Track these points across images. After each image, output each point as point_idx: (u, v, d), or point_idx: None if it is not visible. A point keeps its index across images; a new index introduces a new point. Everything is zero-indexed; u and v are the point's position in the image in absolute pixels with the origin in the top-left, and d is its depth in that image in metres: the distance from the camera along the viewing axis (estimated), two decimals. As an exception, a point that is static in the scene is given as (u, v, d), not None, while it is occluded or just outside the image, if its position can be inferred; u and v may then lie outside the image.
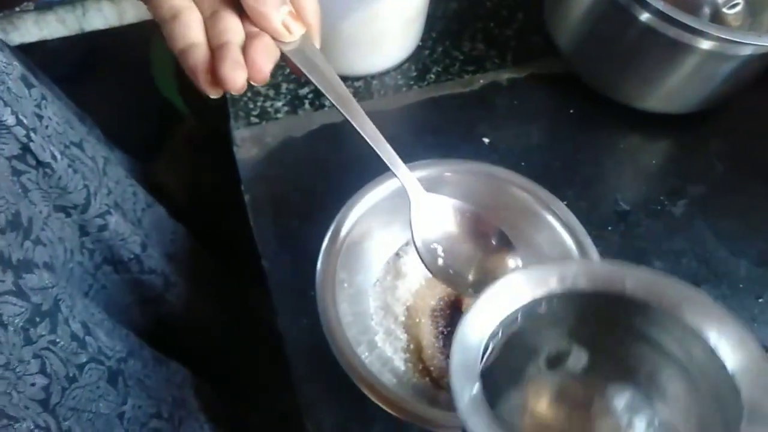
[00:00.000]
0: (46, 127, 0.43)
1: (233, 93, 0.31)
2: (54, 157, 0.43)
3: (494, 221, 0.42)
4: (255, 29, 0.32)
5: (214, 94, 0.31)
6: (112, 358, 0.45)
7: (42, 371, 0.38)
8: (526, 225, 0.44)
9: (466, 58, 0.57)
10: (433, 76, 0.56)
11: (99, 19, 0.62)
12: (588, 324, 0.34)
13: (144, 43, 1.16)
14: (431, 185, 0.44)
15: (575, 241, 0.41)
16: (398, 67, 0.57)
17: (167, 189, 0.77)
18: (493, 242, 0.40)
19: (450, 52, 0.58)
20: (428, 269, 0.38)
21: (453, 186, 0.44)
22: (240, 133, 0.52)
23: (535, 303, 0.30)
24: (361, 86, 0.55)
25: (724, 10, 0.57)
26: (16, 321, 0.36)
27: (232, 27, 0.31)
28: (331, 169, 0.51)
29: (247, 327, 0.74)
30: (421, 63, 0.57)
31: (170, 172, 1.11)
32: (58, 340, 0.39)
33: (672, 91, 0.51)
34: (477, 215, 0.39)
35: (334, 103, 0.35)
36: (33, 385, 0.38)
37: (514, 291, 0.30)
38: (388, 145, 0.36)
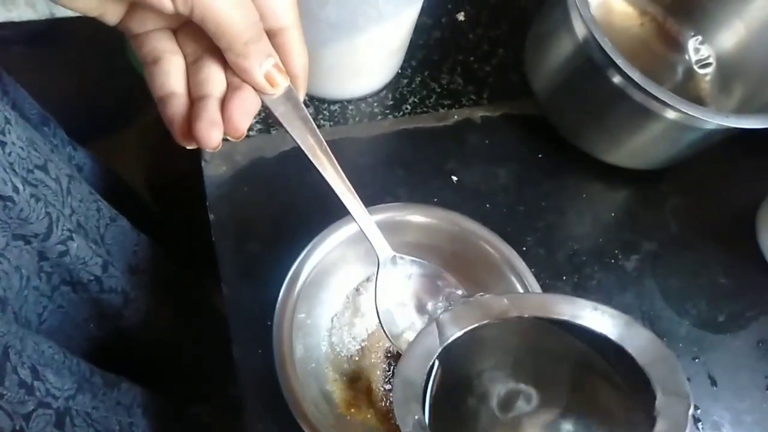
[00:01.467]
0: (9, 153, 0.42)
1: (207, 150, 0.30)
2: (16, 189, 0.42)
3: (455, 275, 0.44)
4: (237, 79, 0.31)
5: (188, 146, 0.31)
6: (60, 398, 0.44)
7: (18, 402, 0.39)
8: (486, 277, 0.45)
9: (443, 91, 0.58)
10: (409, 106, 0.57)
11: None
12: (524, 353, 0.38)
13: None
14: (397, 228, 0.45)
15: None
16: (375, 94, 0.57)
17: (130, 183, 0.76)
18: (440, 302, 0.41)
19: (428, 83, 0.58)
20: (386, 334, 0.38)
21: (418, 231, 0.45)
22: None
23: (468, 333, 0.34)
24: (337, 110, 0.55)
25: (697, 68, 0.59)
26: None
27: (214, 78, 0.30)
28: (300, 193, 0.51)
29: (206, 330, 0.75)
30: (398, 92, 0.57)
31: (138, 152, 1.09)
32: (5, 392, 0.39)
33: (636, 149, 0.52)
34: (441, 276, 0.40)
35: (309, 157, 0.35)
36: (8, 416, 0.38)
37: (450, 325, 0.32)
38: (360, 205, 0.36)
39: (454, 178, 0.54)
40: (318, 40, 0.49)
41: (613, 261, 0.53)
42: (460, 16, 0.62)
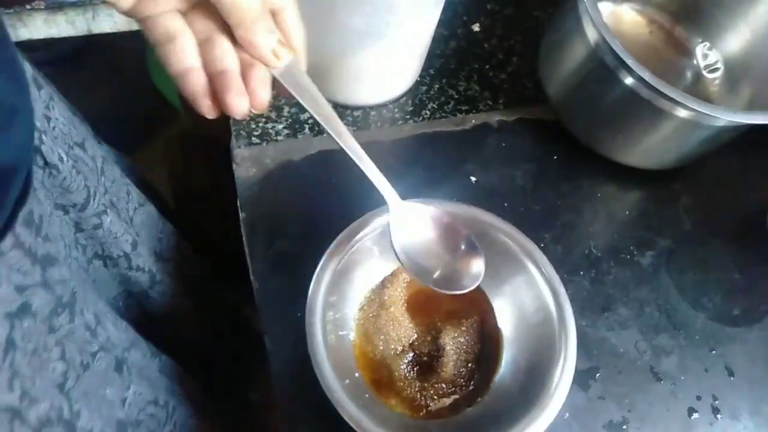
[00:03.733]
0: (53, 128, 0.45)
1: (236, 118, 0.33)
2: (60, 159, 0.44)
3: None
4: (246, 56, 0.34)
5: (212, 116, 0.34)
6: (119, 347, 0.47)
7: (62, 358, 0.41)
8: (506, 268, 0.47)
9: (461, 98, 0.60)
10: (428, 112, 0.59)
11: (108, 22, 0.63)
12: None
13: (141, 38, 1.17)
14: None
15: (550, 287, 0.44)
16: (396, 101, 0.59)
17: (156, 186, 0.78)
18: (462, 247, 0.43)
19: (446, 90, 0.61)
20: (403, 267, 0.41)
21: None
22: (240, 152, 0.54)
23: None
24: (360, 116, 0.58)
25: (705, 73, 0.61)
26: (44, 310, 0.38)
27: (228, 54, 0.33)
28: (326, 194, 0.53)
29: (225, 327, 0.77)
30: (417, 98, 0.60)
31: (161, 168, 1.12)
32: (75, 329, 0.41)
33: (649, 149, 0.54)
34: (449, 222, 0.43)
35: (319, 120, 0.38)
36: (54, 370, 0.40)
37: None
38: (369, 160, 0.40)
39: (473, 179, 0.56)
40: (345, 49, 0.51)
41: (628, 257, 0.54)
42: (476, 27, 0.65)
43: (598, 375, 0.48)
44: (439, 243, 0.43)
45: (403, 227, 0.42)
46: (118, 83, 1.23)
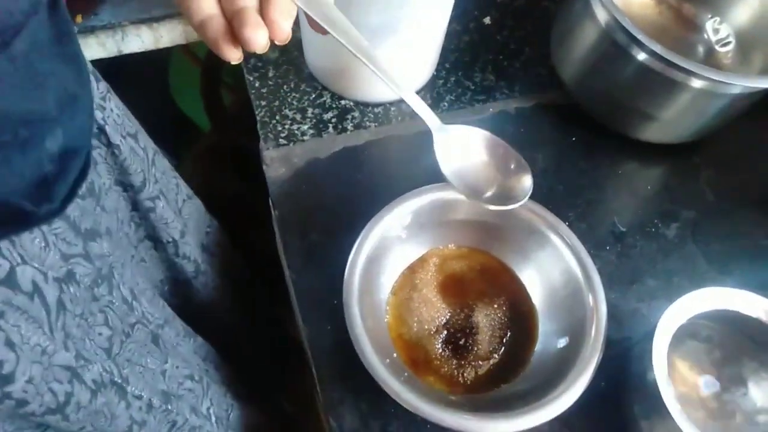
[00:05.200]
0: (109, 117, 0.48)
1: (257, 52, 0.32)
2: (121, 140, 0.48)
3: (503, 244, 0.47)
4: None
5: (235, 59, 0.33)
6: (153, 323, 0.50)
7: (105, 324, 0.43)
8: (532, 243, 0.48)
9: (477, 88, 0.62)
10: (446, 104, 0.61)
11: (136, 43, 0.66)
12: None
13: (163, 61, 1.20)
14: (447, 206, 0.49)
15: (576, 259, 0.46)
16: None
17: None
18: (512, 166, 0.45)
19: (462, 82, 0.62)
20: (456, 188, 0.43)
21: (466, 207, 0.49)
22: (269, 154, 0.57)
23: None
24: (381, 112, 0.60)
25: (717, 48, 0.62)
26: (85, 280, 0.41)
27: None
28: (352, 188, 0.55)
29: (263, 329, 0.79)
30: (435, 91, 0.62)
31: (189, 184, 1.15)
32: (113, 301, 0.44)
33: (667, 123, 0.55)
34: (496, 141, 0.44)
35: (351, 49, 0.37)
36: (100, 334, 0.42)
37: None
38: (408, 89, 0.41)
39: (495, 165, 0.57)
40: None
41: (653, 230, 0.55)
42: (487, 20, 0.67)
43: (630, 344, 0.49)
44: (487, 162, 0.45)
45: (447, 150, 0.43)
46: (143, 106, 1.27)
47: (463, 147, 0.44)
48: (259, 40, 0.32)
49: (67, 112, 0.32)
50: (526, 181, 0.43)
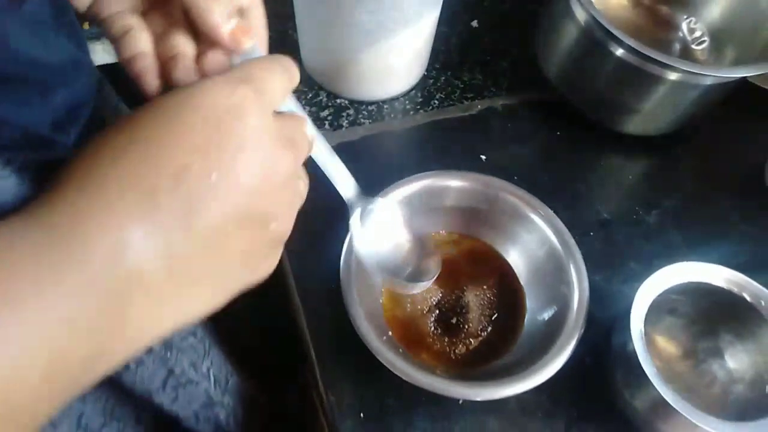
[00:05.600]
0: (93, 72, 0.50)
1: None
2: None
3: (491, 230, 0.50)
4: (205, 45, 0.34)
5: (154, 91, 0.34)
6: None
7: None
8: (518, 226, 0.51)
9: (466, 87, 0.65)
10: (436, 101, 0.64)
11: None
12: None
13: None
14: (437, 193, 0.51)
15: (560, 240, 0.48)
16: (406, 94, 0.64)
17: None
18: (426, 245, 0.46)
19: (451, 81, 0.65)
20: (369, 269, 0.44)
21: (455, 194, 0.52)
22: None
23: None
24: (374, 110, 0.63)
25: (693, 46, 0.65)
26: None
27: (183, 42, 0.33)
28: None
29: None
30: (426, 90, 0.65)
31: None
32: None
33: (646, 115, 0.58)
34: (407, 222, 0.46)
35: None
36: None
37: None
38: (324, 142, 0.40)
39: (483, 157, 0.60)
40: (355, 46, 0.57)
41: (635, 217, 0.58)
42: (474, 23, 0.70)
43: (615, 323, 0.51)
44: (404, 242, 0.46)
45: (365, 226, 0.44)
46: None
47: (381, 223, 0.45)
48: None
49: (70, 75, 0.34)
50: (437, 262, 0.45)
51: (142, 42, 0.33)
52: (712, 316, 0.48)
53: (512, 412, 0.47)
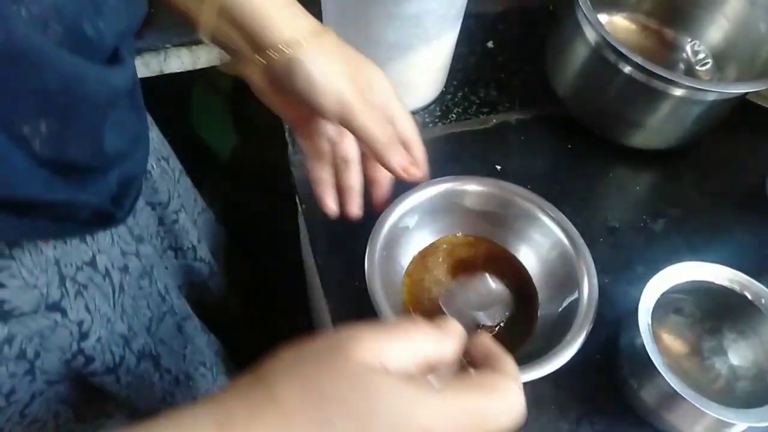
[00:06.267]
0: (150, 142, 0.56)
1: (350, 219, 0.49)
2: (152, 166, 0.57)
3: (504, 232, 0.55)
4: (375, 174, 0.49)
5: (331, 215, 0.50)
6: (179, 315, 0.58)
7: (147, 307, 0.52)
8: (529, 227, 0.54)
9: (482, 102, 0.69)
10: (454, 115, 0.68)
11: (176, 63, 0.74)
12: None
13: (183, 88, 1.28)
14: (456, 195, 0.55)
15: (569, 239, 0.51)
16: (425, 108, 0.68)
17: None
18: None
19: (468, 96, 0.69)
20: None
21: (473, 197, 0.55)
22: (296, 157, 0.63)
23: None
24: (395, 122, 0.67)
25: (697, 67, 0.69)
26: (135, 273, 0.51)
27: (354, 177, 0.49)
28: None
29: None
30: (444, 105, 0.69)
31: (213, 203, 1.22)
32: (152, 292, 0.53)
33: (652, 130, 0.62)
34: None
35: None
36: (144, 315, 0.52)
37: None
38: None
39: (498, 167, 0.64)
40: (381, 61, 0.60)
41: (642, 225, 0.61)
42: (490, 44, 0.74)
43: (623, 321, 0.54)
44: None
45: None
46: (162, 130, 1.35)
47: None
48: (355, 215, 0.50)
49: (132, 149, 0.41)
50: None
51: (326, 172, 0.48)
52: (715, 315, 0.50)
53: (528, 405, 0.50)
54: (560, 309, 0.51)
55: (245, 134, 1.09)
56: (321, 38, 0.43)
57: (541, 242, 0.54)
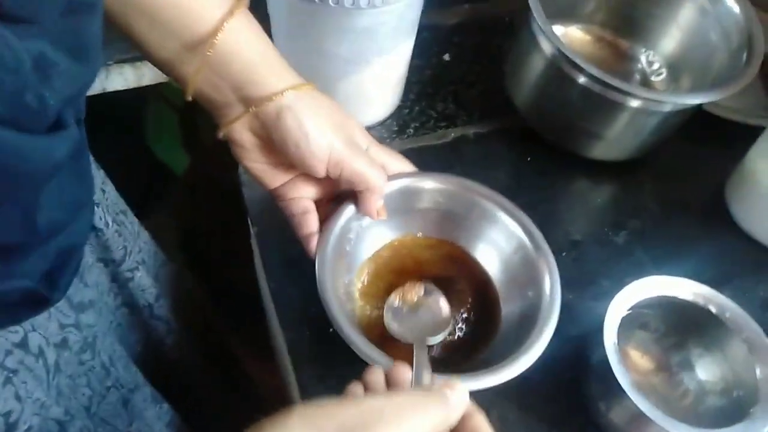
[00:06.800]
0: (107, 199, 0.54)
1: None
2: (107, 224, 0.53)
3: (463, 232, 0.52)
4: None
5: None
6: (125, 388, 0.53)
7: (88, 385, 0.48)
8: (486, 224, 0.52)
9: (439, 116, 0.67)
10: (411, 130, 0.66)
11: (120, 81, 0.70)
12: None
13: (135, 106, 1.24)
14: (413, 194, 0.53)
15: (526, 233, 0.50)
16: (382, 123, 0.66)
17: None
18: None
19: (426, 110, 0.68)
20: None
21: (430, 195, 0.53)
22: (246, 177, 0.60)
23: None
24: (351, 138, 0.64)
25: (652, 78, 0.69)
26: (75, 347, 0.46)
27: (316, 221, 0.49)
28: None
29: (226, 372, 0.82)
30: (401, 120, 0.67)
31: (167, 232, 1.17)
32: (95, 366, 0.49)
33: (611, 141, 0.61)
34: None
35: None
36: (83, 395, 0.47)
37: None
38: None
39: (458, 182, 0.62)
40: (335, 75, 0.59)
41: (604, 237, 0.60)
42: (446, 57, 0.73)
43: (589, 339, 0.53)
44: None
45: None
46: (115, 155, 1.29)
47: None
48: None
49: (71, 219, 0.37)
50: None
51: (314, 225, 0.48)
52: (681, 329, 0.49)
53: (493, 426, 0.48)
54: (522, 313, 0.49)
55: (197, 152, 1.06)
56: (309, 90, 0.44)
57: (498, 238, 0.52)
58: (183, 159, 1.16)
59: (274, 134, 0.43)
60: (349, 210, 0.50)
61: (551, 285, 0.48)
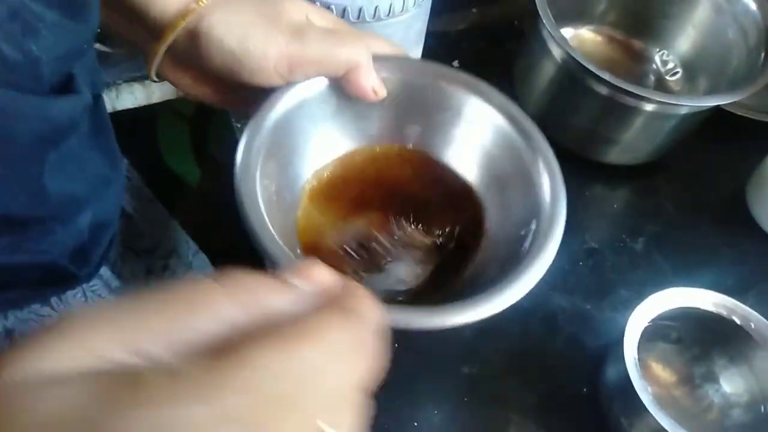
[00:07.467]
0: (132, 186, 0.54)
1: None
2: (135, 209, 0.53)
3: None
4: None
5: None
6: None
7: None
8: (464, 123, 0.41)
9: (450, 124, 0.66)
10: (422, 139, 0.65)
11: (130, 99, 0.70)
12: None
13: (149, 122, 1.25)
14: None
15: (519, 131, 0.39)
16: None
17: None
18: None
19: (436, 119, 0.67)
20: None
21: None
22: (257, 193, 0.60)
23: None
24: (361, 150, 0.64)
25: (667, 77, 0.67)
26: None
27: None
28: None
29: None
30: (411, 129, 0.66)
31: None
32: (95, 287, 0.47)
33: (626, 146, 0.60)
34: None
35: None
36: None
37: None
38: None
39: (470, 192, 0.61)
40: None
41: (622, 245, 0.59)
42: (455, 63, 0.72)
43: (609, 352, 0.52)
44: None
45: None
46: (135, 164, 1.31)
47: None
48: None
49: (98, 193, 0.36)
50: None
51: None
52: (704, 341, 0.48)
53: (512, 446, 0.47)
54: (516, 229, 0.39)
55: (207, 165, 1.06)
56: None
57: (482, 139, 0.40)
58: (196, 171, 1.16)
59: (203, 62, 0.35)
60: (285, 102, 0.36)
61: (551, 184, 0.39)
